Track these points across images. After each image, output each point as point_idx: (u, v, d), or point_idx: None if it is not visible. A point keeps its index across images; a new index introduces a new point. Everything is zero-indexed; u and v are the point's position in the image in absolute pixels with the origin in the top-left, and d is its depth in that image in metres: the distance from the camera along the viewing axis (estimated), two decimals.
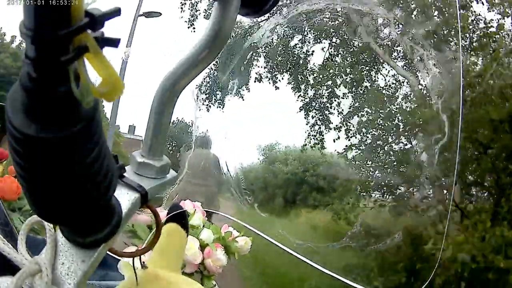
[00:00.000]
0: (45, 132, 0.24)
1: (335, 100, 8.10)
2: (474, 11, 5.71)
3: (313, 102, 8.33)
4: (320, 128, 8.68)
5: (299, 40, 7.78)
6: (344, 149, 8.01)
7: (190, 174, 3.31)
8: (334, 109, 8.14)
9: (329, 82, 7.90)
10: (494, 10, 5.56)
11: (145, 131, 0.40)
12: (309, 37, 7.70)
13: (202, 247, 0.99)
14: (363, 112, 7.73)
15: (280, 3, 0.39)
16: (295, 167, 15.64)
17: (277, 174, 15.79)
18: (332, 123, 8.29)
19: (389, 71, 7.34)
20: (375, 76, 7.71)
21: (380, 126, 7.22)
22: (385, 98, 7.19)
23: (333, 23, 7.13)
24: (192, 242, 0.95)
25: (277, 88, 8.15)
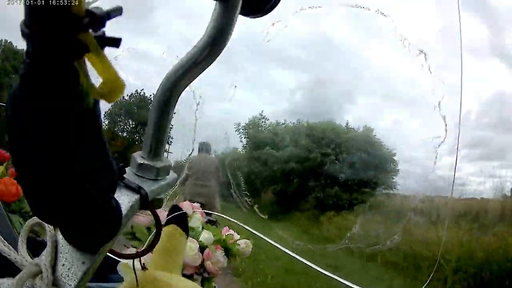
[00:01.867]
0: (45, 131, 0.23)
1: None
2: None
3: None
4: None
5: None
6: None
7: (195, 176, 3.82)
8: None
9: None
10: None
11: (145, 132, 0.39)
12: None
13: (202, 248, 0.98)
14: None
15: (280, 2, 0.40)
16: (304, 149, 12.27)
17: (270, 162, 12.71)
18: None
19: None
20: None
21: None
22: None
23: None
24: (192, 244, 0.94)
25: None
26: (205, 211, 1.15)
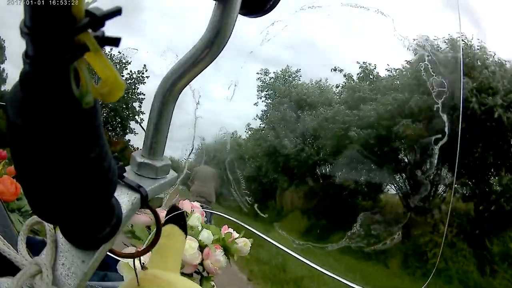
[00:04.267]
0: (45, 131, 0.23)
1: None
2: None
3: None
4: None
5: None
6: None
7: (199, 180, 5.75)
8: None
9: None
10: None
11: (145, 131, 0.40)
12: None
13: (202, 248, 0.99)
14: None
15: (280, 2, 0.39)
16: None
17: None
18: None
19: None
20: None
21: None
22: None
23: None
24: (191, 243, 0.94)
25: None
26: (206, 210, 1.18)
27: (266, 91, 11.18)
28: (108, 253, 0.38)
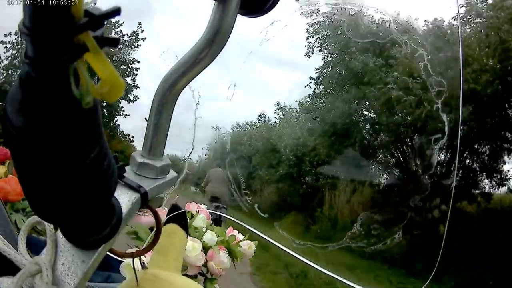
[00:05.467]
0: (45, 131, 0.24)
1: None
2: None
3: None
4: None
5: None
6: None
7: (212, 182, 6.48)
8: None
9: None
10: None
11: (145, 131, 0.40)
12: None
13: (205, 249, 0.98)
14: None
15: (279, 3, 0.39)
16: None
17: None
18: None
19: None
20: None
21: None
22: None
23: None
24: (195, 244, 0.94)
25: None
26: (221, 213, 1.36)
27: (319, 36, 6.68)
28: (108, 253, 0.38)
